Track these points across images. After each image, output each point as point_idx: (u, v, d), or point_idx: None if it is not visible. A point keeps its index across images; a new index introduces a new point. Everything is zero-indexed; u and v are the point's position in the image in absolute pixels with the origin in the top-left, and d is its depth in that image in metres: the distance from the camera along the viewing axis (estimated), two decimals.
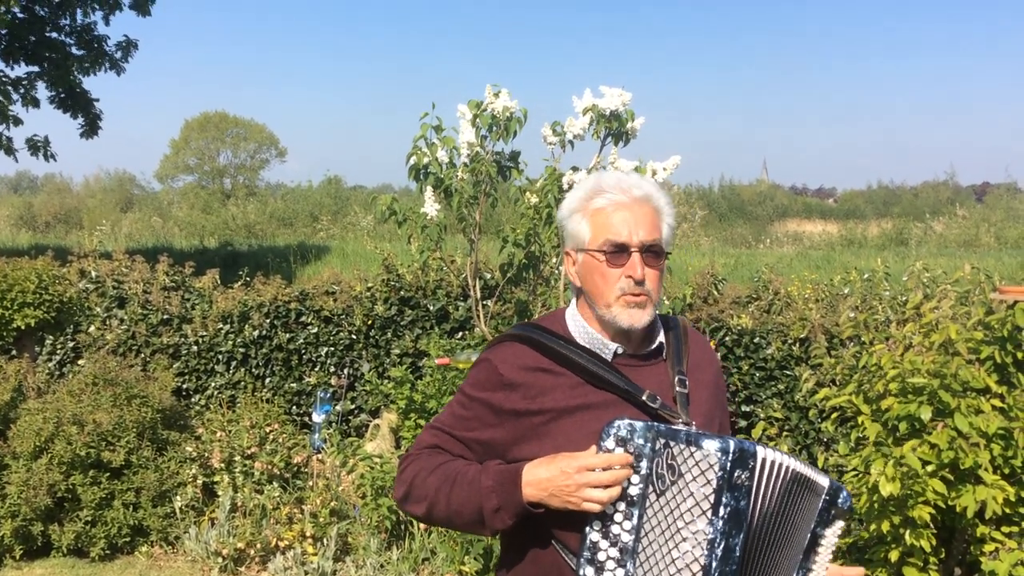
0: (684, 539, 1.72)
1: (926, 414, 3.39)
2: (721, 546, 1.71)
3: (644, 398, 1.91)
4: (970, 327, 3.77)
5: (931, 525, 3.44)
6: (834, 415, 4.11)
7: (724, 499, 1.71)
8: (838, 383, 4.25)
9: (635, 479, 1.78)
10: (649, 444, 1.77)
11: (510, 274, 5.71)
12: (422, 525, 5.35)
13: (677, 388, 1.98)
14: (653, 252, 1.94)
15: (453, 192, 5.16)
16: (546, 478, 1.80)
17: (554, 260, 5.60)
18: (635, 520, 1.78)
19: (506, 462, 1.91)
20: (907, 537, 3.39)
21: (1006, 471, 3.42)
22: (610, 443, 1.78)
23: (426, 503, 1.96)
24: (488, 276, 7.08)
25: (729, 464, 1.71)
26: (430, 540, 5.31)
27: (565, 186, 5.00)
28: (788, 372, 6.27)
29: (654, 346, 2.03)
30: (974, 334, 3.69)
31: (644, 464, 1.77)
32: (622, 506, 1.79)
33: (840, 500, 1.94)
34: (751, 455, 1.75)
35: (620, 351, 1.98)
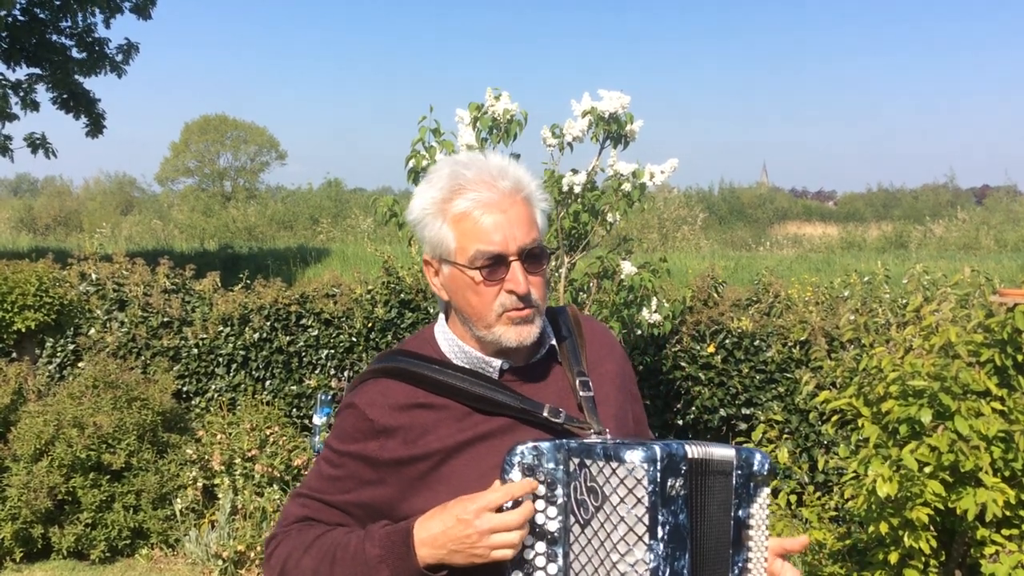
0: (623, 574, 1.45)
1: (926, 417, 3.39)
2: (667, 573, 1.46)
3: (545, 414, 1.62)
4: (970, 330, 3.77)
5: (931, 527, 3.44)
6: (834, 418, 4.11)
7: (660, 517, 1.44)
8: (838, 386, 4.25)
9: (552, 511, 1.51)
10: (561, 467, 1.51)
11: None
12: None
13: (581, 393, 1.69)
14: (534, 256, 1.63)
15: None
16: (441, 531, 1.50)
17: (554, 263, 5.60)
18: (560, 560, 1.51)
19: (395, 522, 1.60)
20: (906, 539, 3.39)
21: (1006, 474, 3.42)
22: (515, 474, 1.51)
23: None
24: None
25: (659, 475, 1.44)
26: None
27: (564, 188, 5.01)
28: (788, 375, 6.27)
29: (544, 351, 1.74)
30: (974, 337, 3.69)
31: (560, 491, 1.51)
32: (541, 547, 1.52)
33: (756, 466, 1.66)
34: (682, 458, 1.49)
35: (506, 366, 1.69)
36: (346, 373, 7.55)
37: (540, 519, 1.52)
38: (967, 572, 3.67)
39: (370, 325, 7.51)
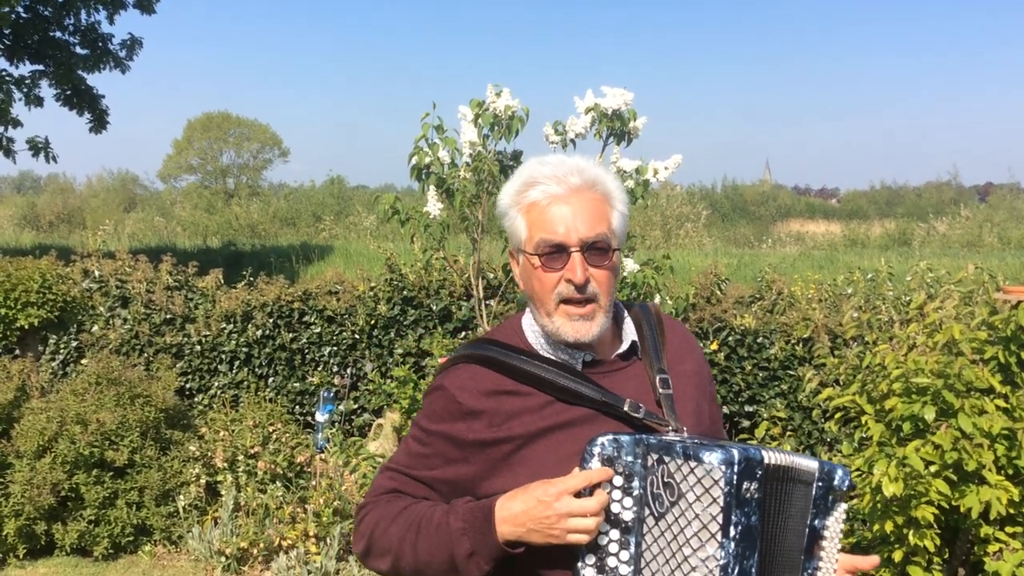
0: (693, 568, 1.50)
1: (930, 414, 3.38)
2: (736, 571, 1.51)
3: (626, 408, 1.68)
4: (974, 327, 3.77)
5: (935, 525, 3.43)
6: (837, 415, 4.10)
7: (734, 517, 1.49)
8: (841, 383, 4.24)
9: (628, 502, 1.57)
10: (639, 460, 1.56)
11: (513, 273, 5.71)
12: None
13: (660, 390, 1.75)
14: (598, 249, 1.69)
15: (455, 192, 5.16)
16: (522, 511, 1.57)
17: None
18: (632, 549, 1.57)
19: (477, 499, 1.68)
20: (910, 537, 3.39)
21: (1010, 471, 3.42)
22: (595, 464, 1.57)
23: (390, 557, 1.73)
24: (491, 275, 7.08)
25: (736, 477, 1.49)
26: None
27: None
28: (791, 372, 6.27)
29: (626, 346, 1.81)
30: (978, 334, 3.68)
31: (636, 484, 1.56)
32: (616, 534, 1.58)
33: (837, 481, 1.73)
34: (758, 463, 1.55)
35: (589, 358, 1.76)
36: (348, 370, 7.55)
37: (616, 508, 1.57)
38: (971, 570, 3.67)
39: (373, 322, 7.50)
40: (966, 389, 3.47)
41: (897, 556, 3.47)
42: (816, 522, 1.72)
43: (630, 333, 1.83)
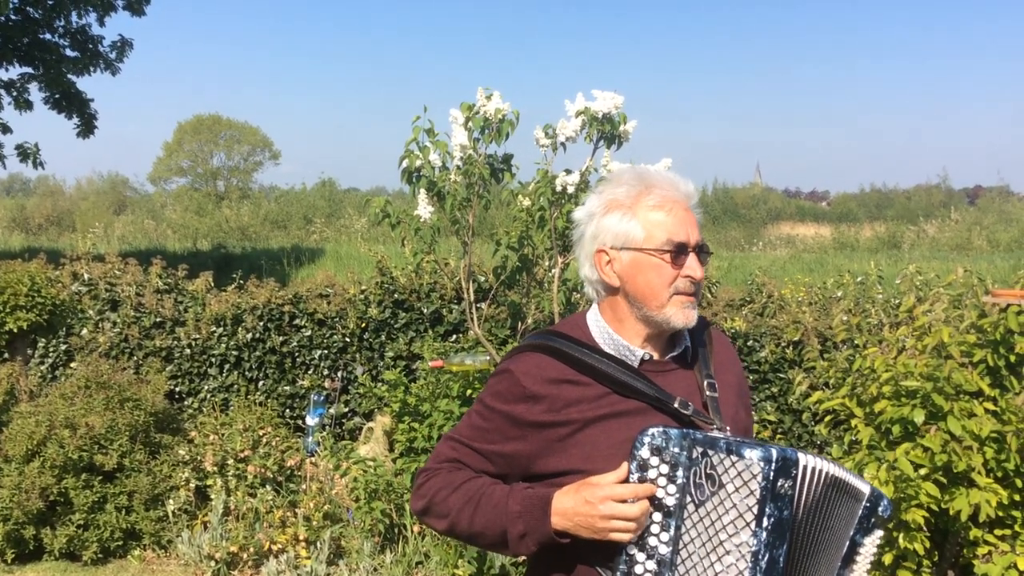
0: (727, 551, 1.66)
1: (919, 417, 3.40)
2: (765, 558, 1.66)
3: (676, 405, 1.84)
4: (963, 330, 3.78)
5: (924, 528, 3.44)
6: (827, 418, 4.12)
7: (768, 510, 1.65)
8: (831, 386, 4.25)
9: (671, 488, 1.72)
10: (685, 453, 1.71)
11: (503, 277, 5.71)
12: (415, 528, 5.34)
13: (707, 393, 1.91)
14: (705, 252, 1.92)
15: (446, 195, 5.16)
16: (571, 508, 1.75)
17: (547, 263, 5.60)
18: (672, 531, 1.72)
19: (530, 474, 1.87)
20: (900, 540, 3.40)
21: (999, 474, 3.43)
22: (645, 452, 1.73)
23: (447, 520, 1.91)
24: (482, 279, 7.08)
25: (772, 474, 1.65)
26: (424, 544, 5.30)
27: (558, 188, 5.00)
28: (781, 375, 6.28)
29: (680, 350, 1.97)
30: (967, 337, 3.70)
31: (680, 473, 1.72)
32: (658, 517, 1.73)
33: (881, 508, 1.90)
34: (794, 463, 1.70)
35: (647, 356, 1.92)
36: (339, 373, 7.54)
37: (660, 494, 1.73)
38: (960, 572, 3.68)
39: (363, 325, 7.50)
40: (955, 392, 3.48)
41: (887, 559, 3.48)
42: (858, 537, 1.88)
43: (684, 339, 1.98)
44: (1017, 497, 3.45)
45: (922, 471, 3.33)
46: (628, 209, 1.90)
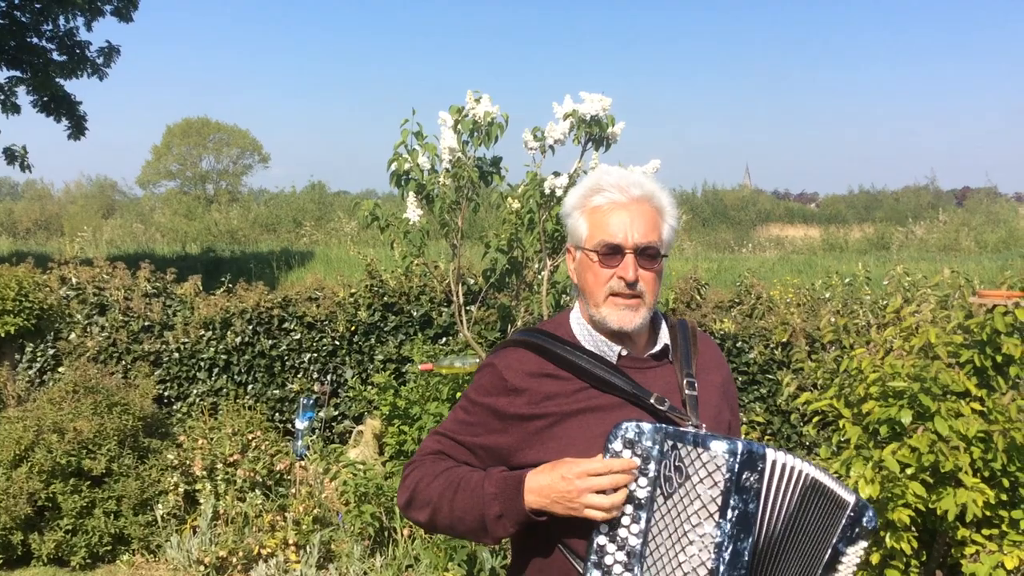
0: (691, 542, 1.69)
1: (906, 417, 3.41)
2: (729, 550, 1.68)
3: (652, 401, 1.89)
4: (950, 331, 3.80)
5: (912, 528, 3.45)
6: (815, 419, 4.13)
7: (732, 501, 1.67)
8: (819, 387, 4.27)
9: (643, 481, 1.76)
10: (657, 446, 1.75)
11: (493, 279, 5.70)
12: (406, 532, 5.33)
13: (686, 391, 1.96)
14: (648, 254, 1.93)
15: (435, 198, 5.15)
16: (547, 484, 1.79)
17: (537, 265, 5.60)
18: (642, 523, 1.76)
19: (511, 467, 1.91)
20: (888, 540, 3.41)
21: (986, 474, 3.45)
22: (617, 445, 1.77)
23: (429, 509, 1.96)
24: (471, 281, 7.07)
25: (737, 466, 1.67)
26: (413, 547, 5.30)
27: (547, 191, 5.00)
28: (770, 376, 6.29)
29: (659, 348, 2.01)
30: (954, 338, 3.71)
31: (652, 466, 1.76)
32: (629, 509, 1.77)
33: (865, 520, 1.91)
34: (760, 457, 1.72)
35: (625, 353, 1.96)
36: (329, 377, 7.53)
37: (632, 486, 1.77)
38: (948, 572, 3.69)
39: (353, 328, 7.49)
40: (942, 392, 3.50)
41: (874, 559, 3.49)
42: (841, 545, 1.89)
43: (664, 337, 2.04)
44: (1004, 496, 3.47)
45: (909, 471, 3.35)
46: (581, 210, 1.99)
